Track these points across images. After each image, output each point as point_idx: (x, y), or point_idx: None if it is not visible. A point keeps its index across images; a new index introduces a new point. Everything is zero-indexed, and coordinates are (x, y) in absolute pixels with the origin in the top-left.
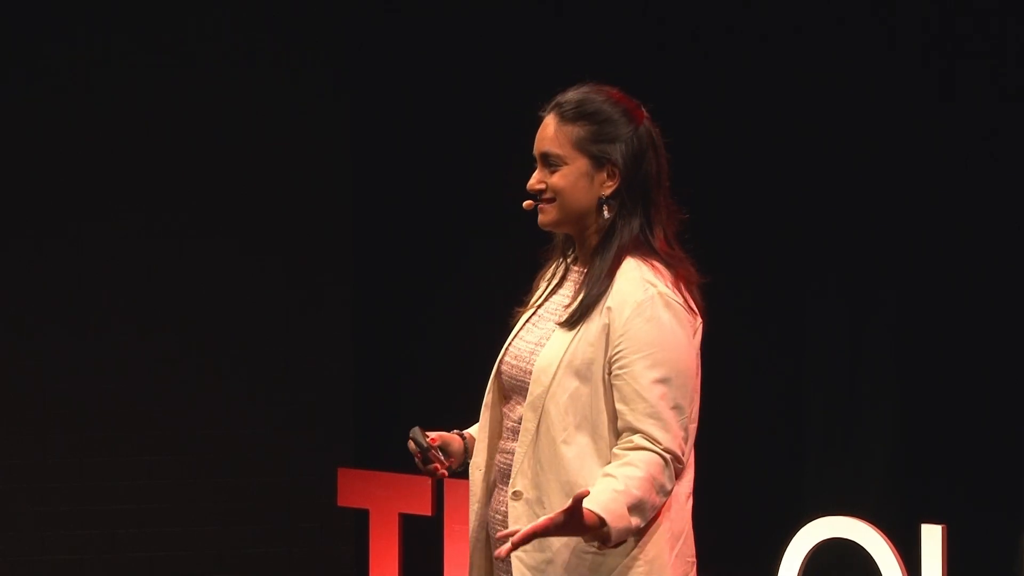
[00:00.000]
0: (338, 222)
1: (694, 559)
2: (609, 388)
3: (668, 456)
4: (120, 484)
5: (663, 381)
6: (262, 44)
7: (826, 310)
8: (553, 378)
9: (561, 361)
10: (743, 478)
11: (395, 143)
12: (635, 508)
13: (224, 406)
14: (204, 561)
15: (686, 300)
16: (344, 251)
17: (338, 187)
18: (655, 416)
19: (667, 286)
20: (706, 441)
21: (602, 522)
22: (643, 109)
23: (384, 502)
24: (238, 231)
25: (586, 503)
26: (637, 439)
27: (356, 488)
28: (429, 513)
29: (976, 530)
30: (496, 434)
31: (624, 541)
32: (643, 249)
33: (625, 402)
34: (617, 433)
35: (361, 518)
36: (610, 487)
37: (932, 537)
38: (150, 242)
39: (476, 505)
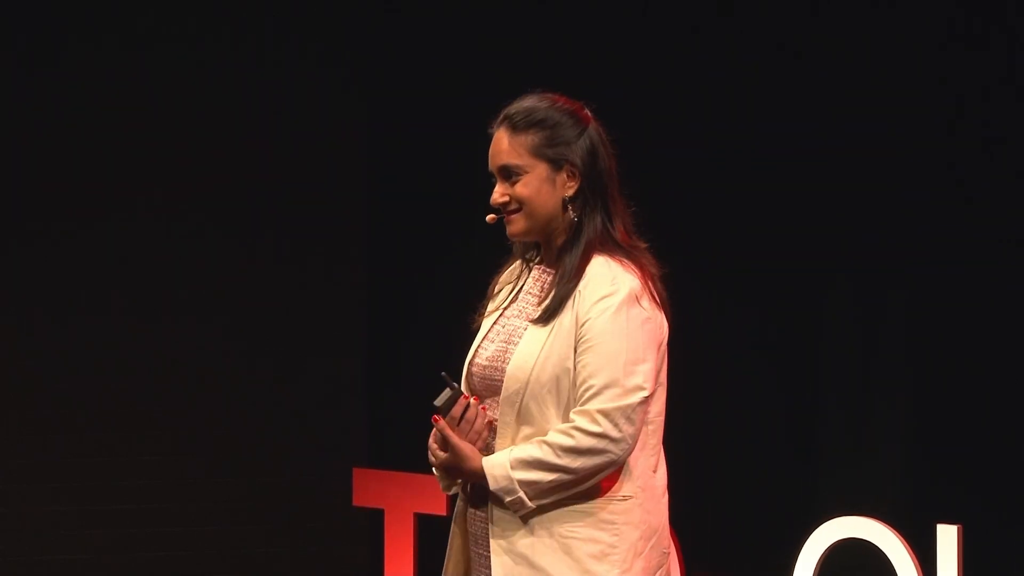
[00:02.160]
0: (352, 221)
1: (668, 551)
2: None
3: (606, 441)
4: (132, 484)
5: (610, 370)
6: (277, 42)
7: (840, 310)
8: (531, 373)
9: (538, 357)
10: (759, 479)
11: (410, 142)
12: (524, 465)
13: (238, 406)
14: (216, 561)
15: (652, 295)
16: (358, 250)
17: (351, 186)
18: (598, 400)
19: (636, 282)
20: (722, 442)
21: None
22: (587, 109)
23: (399, 502)
24: (253, 231)
25: (485, 459)
26: (579, 420)
27: (371, 488)
28: (444, 513)
29: (992, 530)
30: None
31: (521, 508)
32: (608, 245)
33: (576, 387)
34: None
35: (376, 518)
36: (523, 449)
37: (948, 537)
38: (157, 241)
39: (460, 506)
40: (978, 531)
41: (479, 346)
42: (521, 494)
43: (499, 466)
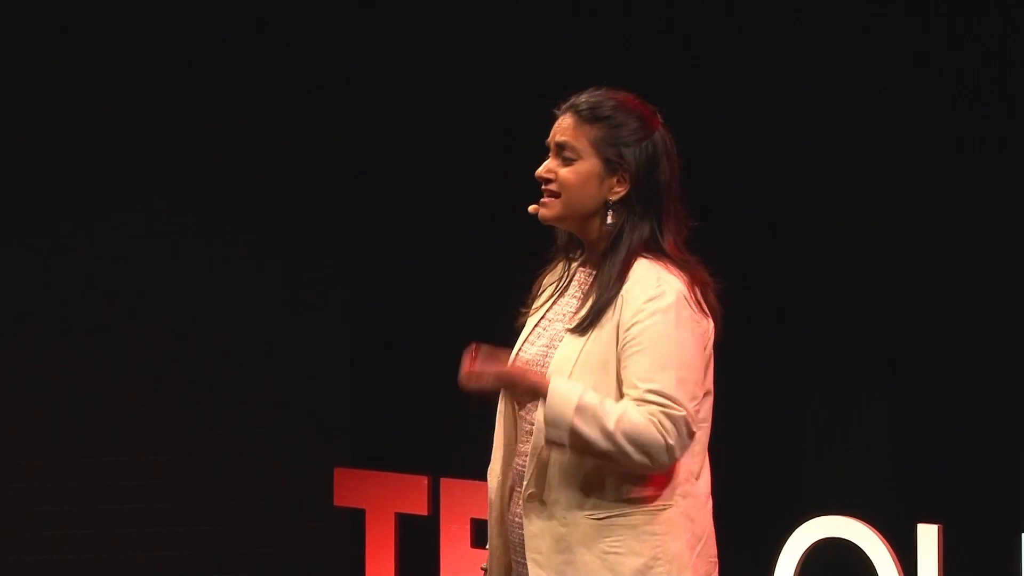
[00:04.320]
0: (337, 222)
1: (716, 560)
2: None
3: (662, 448)
4: (119, 484)
5: (664, 374)
6: (263, 45)
7: (823, 309)
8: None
9: (576, 363)
10: (740, 478)
11: (395, 142)
12: (586, 415)
13: (222, 406)
14: (199, 561)
15: (699, 301)
16: (343, 251)
17: (337, 186)
18: (659, 408)
19: (682, 286)
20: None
21: (542, 392)
22: (658, 116)
23: (380, 502)
24: (238, 232)
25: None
26: (648, 419)
27: (353, 488)
28: (425, 513)
29: (972, 530)
30: (513, 440)
31: (555, 442)
32: (655, 252)
33: (626, 386)
34: None
35: (357, 518)
36: (587, 391)
37: (928, 537)
38: (151, 243)
39: (494, 513)
40: (959, 531)
41: (521, 348)
42: (566, 439)
43: (564, 399)
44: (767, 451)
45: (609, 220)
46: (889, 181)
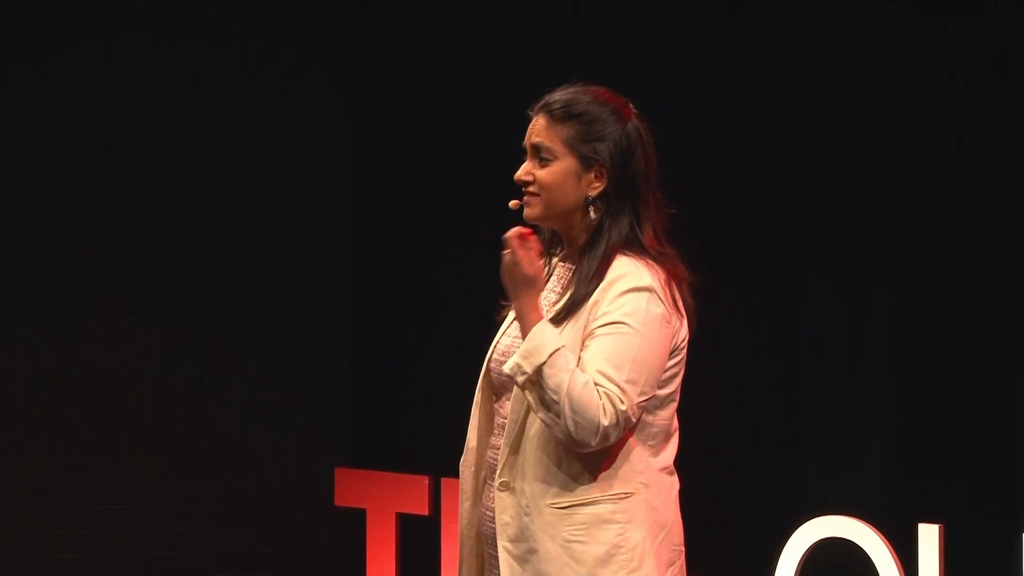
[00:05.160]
0: (337, 222)
1: (682, 548)
2: None
3: (594, 431)
4: (119, 484)
5: (621, 367)
6: (263, 45)
7: (823, 309)
8: None
9: None
10: (741, 477)
11: (395, 142)
12: (556, 366)
13: (222, 405)
14: (199, 561)
15: (674, 301)
16: (343, 251)
17: (337, 186)
18: (612, 397)
19: (658, 283)
20: (704, 440)
21: (533, 326)
22: (631, 106)
23: (381, 502)
24: (238, 232)
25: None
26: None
27: (353, 488)
28: (426, 513)
29: (973, 530)
30: (487, 432)
31: (517, 373)
32: (634, 247)
33: (583, 366)
34: None
35: (358, 518)
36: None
37: (929, 537)
38: (151, 243)
39: (467, 503)
40: (959, 531)
41: (498, 341)
42: (529, 376)
43: (548, 340)
44: (767, 451)
45: (592, 214)
46: (889, 181)
